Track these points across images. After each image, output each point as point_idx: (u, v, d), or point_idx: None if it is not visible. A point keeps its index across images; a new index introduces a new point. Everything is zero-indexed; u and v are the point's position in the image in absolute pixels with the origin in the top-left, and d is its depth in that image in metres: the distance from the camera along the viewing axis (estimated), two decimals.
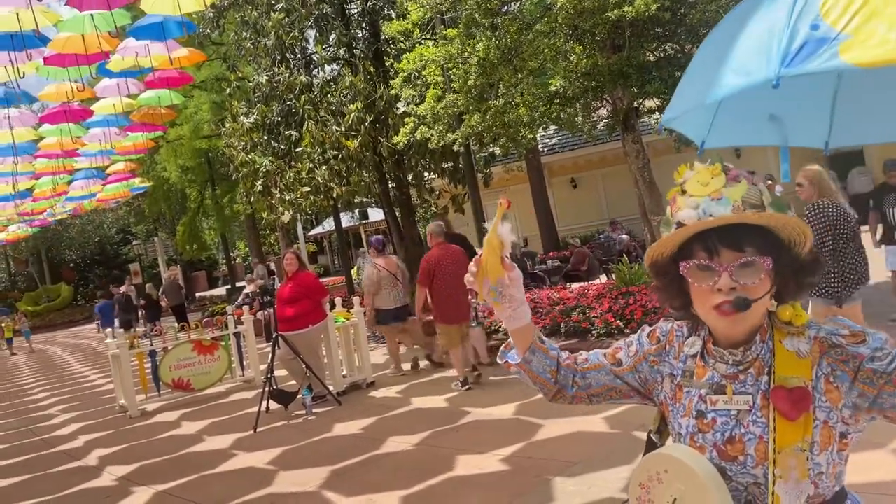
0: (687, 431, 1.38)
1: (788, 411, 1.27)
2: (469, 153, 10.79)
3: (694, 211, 1.31)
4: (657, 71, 8.36)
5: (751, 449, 1.30)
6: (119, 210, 38.43)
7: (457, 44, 9.52)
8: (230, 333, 9.91)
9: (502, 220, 1.45)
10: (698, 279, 1.32)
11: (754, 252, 1.29)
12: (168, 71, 13.17)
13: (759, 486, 1.30)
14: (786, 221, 1.31)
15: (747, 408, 1.32)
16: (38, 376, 16.22)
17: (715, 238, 1.30)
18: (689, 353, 1.43)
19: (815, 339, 1.32)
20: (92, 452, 7.43)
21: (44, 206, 23.48)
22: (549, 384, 1.55)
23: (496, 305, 1.49)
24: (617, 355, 1.56)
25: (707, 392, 1.37)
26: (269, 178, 12.88)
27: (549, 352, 1.54)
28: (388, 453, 5.78)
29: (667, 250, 1.39)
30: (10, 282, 46.74)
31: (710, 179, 1.33)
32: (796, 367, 1.30)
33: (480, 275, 1.47)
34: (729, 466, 1.31)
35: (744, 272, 1.29)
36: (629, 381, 1.53)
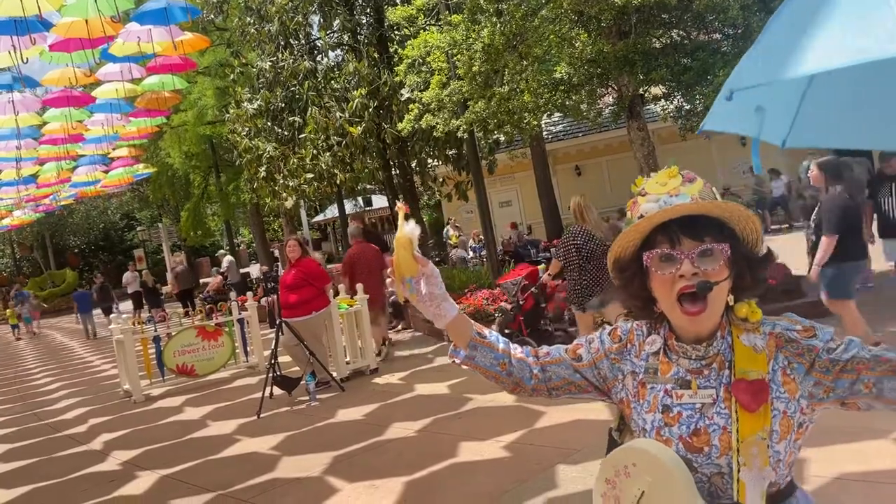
0: (653, 426, 1.42)
1: (749, 403, 1.33)
2: (473, 140, 10.75)
3: (655, 204, 1.40)
4: (663, 58, 8.29)
5: (715, 440, 1.35)
6: (123, 196, 38.49)
7: (461, 30, 9.46)
8: (234, 319, 9.94)
9: (406, 222, 1.53)
10: (661, 268, 1.39)
11: (712, 240, 1.37)
12: (171, 56, 13.12)
13: (721, 476, 1.36)
14: (739, 211, 1.40)
15: (711, 401, 1.38)
16: (42, 361, 16.30)
17: (676, 228, 1.38)
18: (650, 352, 1.49)
19: (771, 335, 1.40)
20: (97, 437, 7.48)
21: (48, 192, 23.52)
22: (501, 377, 1.57)
23: (420, 304, 1.54)
24: (578, 351, 1.58)
25: (673, 387, 1.43)
26: (272, 165, 12.86)
27: (495, 346, 1.56)
28: (390, 439, 5.80)
29: (631, 244, 1.46)
30: (15, 267, 46.92)
31: (668, 180, 1.42)
32: (754, 361, 1.37)
33: (397, 273, 1.53)
34: (695, 458, 1.36)
35: (704, 259, 1.36)
36: (588, 376, 1.56)
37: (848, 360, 1.34)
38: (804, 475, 3.85)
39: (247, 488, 5.10)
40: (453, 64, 9.79)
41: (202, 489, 5.22)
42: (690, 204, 1.37)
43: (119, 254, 43.67)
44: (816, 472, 3.86)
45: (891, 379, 1.31)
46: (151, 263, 37.18)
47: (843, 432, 4.30)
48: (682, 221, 1.38)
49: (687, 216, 1.38)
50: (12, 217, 29.81)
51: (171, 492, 5.30)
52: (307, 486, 4.97)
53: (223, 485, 5.23)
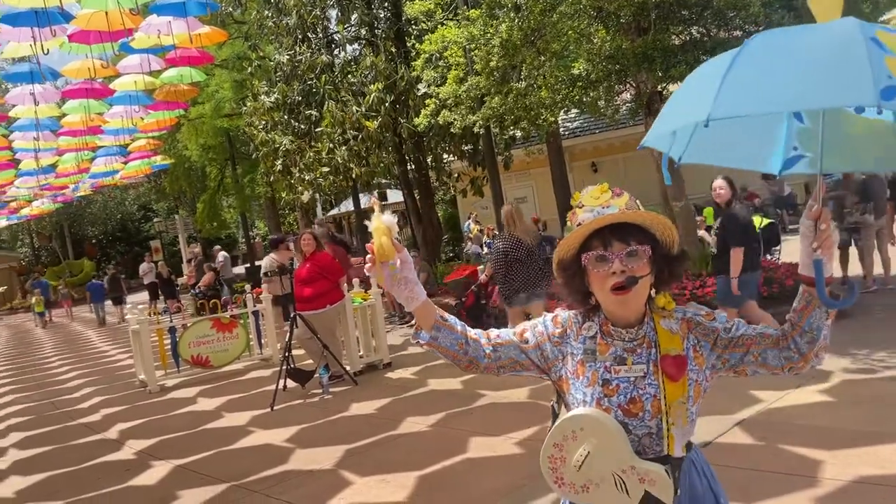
0: (593, 397, 1.69)
1: (674, 374, 1.66)
2: (489, 136, 10.71)
3: (591, 214, 1.69)
4: (682, 55, 8.20)
5: (648, 406, 1.66)
6: (140, 187, 38.75)
7: (479, 24, 9.41)
8: (249, 312, 9.99)
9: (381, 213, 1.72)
10: (597, 266, 1.68)
11: (637, 243, 1.67)
12: (189, 49, 13.17)
13: (650, 435, 1.66)
14: (657, 219, 1.71)
15: (642, 374, 1.68)
16: (60, 350, 16.47)
17: (608, 234, 1.68)
18: (587, 336, 1.75)
19: (683, 320, 1.74)
20: (113, 426, 7.55)
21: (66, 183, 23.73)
22: (458, 355, 1.77)
23: (394, 288, 1.71)
24: (524, 335, 1.81)
25: (611, 364, 1.71)
26: (288, 158, 12.89)
27: (454, 328, 1.77)
28: (402, 434, 5.81)
29: (572, 248, 1.74)
30: (33, 256, 47.40)
31: (601, 195, 1.72)
32: (672, 341, 1.70)
33: (378, 260, 1.69)
34: (630, 422, 1.66)
35: (631, 259, 1.66)
36: (532, 357, 1.80)
37: (739, 336, 1.72)
38: (820, 478, 3.82)
39: (260, 480, 5.13)
40: (470, 59, 9.75)
41: (216, 480, 5.26)
42: (618, 214, 1.68)
43: (136, 244, 43.96)
44: (833, 476, 3.82)
45: (772, 350, 1.70)
46: (168, 255, 37.41)
47: (861, 435, 4.26)
48: (612, 228, 1.68)
49: (616, 224, 1.69)
50: (31, 207, 30.11)
51: (184, 482, 5.34)
52: (319, 479, 4.98)
53: (236, 476, 5.26)
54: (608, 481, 1.64)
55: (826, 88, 1.48)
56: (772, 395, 5.32)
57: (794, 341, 1.68)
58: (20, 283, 41.47)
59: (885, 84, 1.41)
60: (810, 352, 1.67)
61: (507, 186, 19.94)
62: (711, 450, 4.46)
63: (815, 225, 1.64)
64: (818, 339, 1.66)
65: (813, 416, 4.82)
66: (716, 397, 5.41)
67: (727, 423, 4.88)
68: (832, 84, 1.48)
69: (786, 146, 1.96)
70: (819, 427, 4.59)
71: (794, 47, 1.61)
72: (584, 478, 1.66)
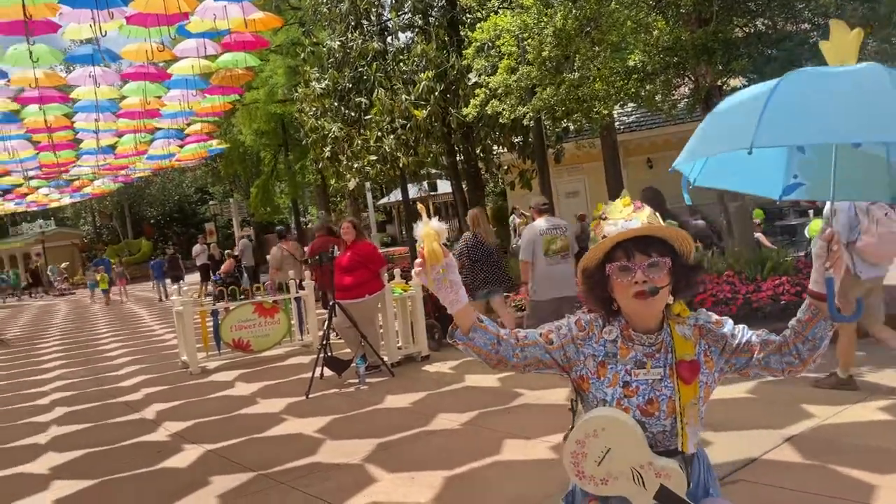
0: (613, 397, 1.83)
1: (688, 378, 1.81)
2: (540, 128, 10.46)
3: (615, 227, 1.82)
4: (745, 48, 7.82)
5: (664, 406, 1.81)
6: (197, 170, 39.53)
7: (533, 13, 9.16)
8: (291, 298, 10.00)
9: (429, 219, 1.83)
10: (620, 276, 1.81)
11: (658, 255, 1.80)
12: (243, 34, 13.24)
13: (664, 433, 1.81)
14: (676, 233, 1.85)
15: (660, 377, 1.82)
16: (111, 327, 16.86)
17: (631, 246, 1.81)
18: (608, 339, 1.88)
19: (695, 326, 1.88)
20: (150, 406, 7.62)
21: (125, 163, 24.33)
22: (491, 355, 1.89)
23: (441, 291, 1.82)
24: (549, 336, 1.93)
25: (631, 367, 1.84)
26: (337, 145, 12.85)
27: (488, 329, 1.88)
28: (435, 431, 5.67)
29: (596, 258, 1.86)
30: (95, 234, 48.95)
31: (624, 208, 1.85)
32: (687, 346, 1.84)
33: (427, 264, 1.79)
34: (647, 421, 1.81)
35: (652, 269, 1.79)
36: (556, 356, 1.91)
37: (745, 342, 1.87)
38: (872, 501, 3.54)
39: (287, 470, 5.05)
40: (523, 49, 9.51)
41: (244, 468, 5.20)
42: (641, 227, 1.81)
43: (192, 226, 44.98)
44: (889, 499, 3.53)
45: (775, 355, 1.84)
46: (222, 237, 38.10)
47: None
48: (634, 240, 1.81)
49: (639, 236, 1.81)
50: (93, 186, 31.01)
51: (213, 468, 5.31)
52: (347, 473, 4.88)
53: (265, 465, 5.20)
54: (626, 475, 1.79)
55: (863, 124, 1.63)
56: (827, 410, 5.00)
57: (796, 348, 1.82)
58: (82, 259, 42.90)
59: None
60: (810, 358, 1.83)
61: (558, 180, 19.60)
62: (756, 467, 4.20)
63: (828, 246, 1.78)
64: (819, 348, 1.82)
65: (870, 436, 4.50)
66: (766, 410, 5.14)
67: (776, 438, 4.59)
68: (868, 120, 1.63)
69: (786, 174, 2.15)
70: (876, 448, 4.27)
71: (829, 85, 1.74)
72: (604, 472, 1.81)
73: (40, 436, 6.85)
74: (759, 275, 8.16)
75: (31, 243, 43.97)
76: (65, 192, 31.94)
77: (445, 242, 1.83)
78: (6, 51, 12.87)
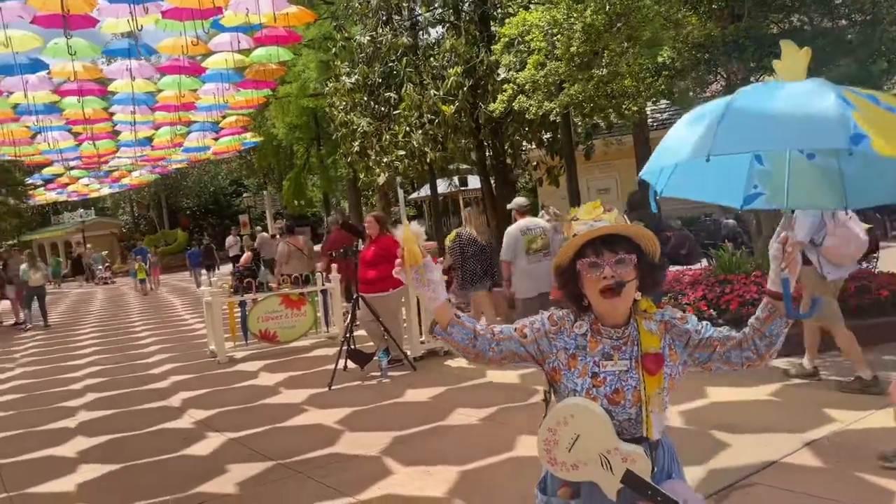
0: (583, 387, 1.94)
1: (652, 369, 1.92)
2: (568, 123, 10.38)
3: (585, 227, 1.95)
4: (778, 44, 7.66)
5: (629, 395, 1.92)
6: (232, 163, 40.04)
7: (562, 8, 9.09)
8: (317, 290, 10.10)
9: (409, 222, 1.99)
10: (590, 272, 1.94)
11: (624, 252, 1.93)
12: (276, 28, 13.38)
13: (630, 420, 1.92)
14: (642, 232, 1.97)
15: (626, 368, 1.94)
16: (146, 316, 17.20)
17: (600, 244, 1.94)
18: (578, 333, 2.01)
19: (661, 322, 2.00)
20: (177, 394, 7.77)
21: (161, 155, 24.76)
22: (468, 349, 2.03)
23: (420, 288, 2.00)
24: (524, 331, 2.05)
25: (599, 359, 1.96)
26: (366, 140, 12.92)
27: (465, 324, 2.02)
28: (452, 425, 5.70)
29: (568, 256, 1.99)
30: (133, 224, 49.92)
31: (594, 210, 1.98)
32: (652, 340, 1.96)
33: (406, 264, 1.97)
34: (614, 409, 1.92)
35: (619, 265, 1.92)
36: (530, 350, 2.04)
37: (707, 337, 1.99)
38: None
39: (305, 460, 5.13)
40: (552, 44, 9.44)
41: (263, 457, 5.29)
42: (609, 226, 1.94)
43: (226, 218, 45.57)
44: None
45: (735, 350, 1.98)
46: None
47: None
48: (603, 239, 1.94)
49: (607, 235, 1.94)
50: (131, 177, 31.61)
51: (234, 456, 5.41)
52: (363, 465, 4.94)
53: (284, 454, 5.29)
54: (595, 461, 1.90)
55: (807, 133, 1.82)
56: (851, 415, 4.92)
57: (754, 343, 1.97)
58: (120, 248, 43.81)
59: (853, 132, 1.74)
60: (767, 353, 1.98)
61: (589, 177, 19.45)
62: (774, 470, 4.15)
63: (784, 249, 1.94)
64: (775, 343, 1.98)
65: (893, 442, 4.41)
66: (787, 413, 5.07)
67: (796, 442, 4.53)
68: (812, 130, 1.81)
69: (747, 185, 2.32)
70: None
71: (778, 99, 1.91)
72: (575, 458, 1.91)
73: (70, 420, 7.05)
74: None
75: (72, 232, 45.04)
76: (104, 183, 32.65)
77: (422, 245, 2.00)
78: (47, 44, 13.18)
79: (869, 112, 1.82)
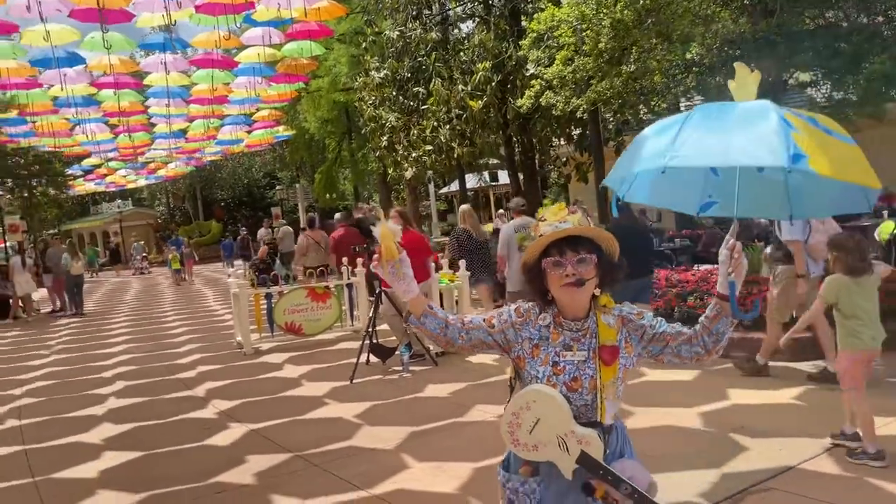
0: (544, 375, 2.11)
1: (608, 360, 2.10)
2: (596, 119, 10.31)
3: (550, 228, 2.13)
4: (811, 41, 7.50)
5: (586, 383, 2.10)
6: (265, 155, 40.45)
7: (592, 4, 9.02)
8: (343, 284, 10.17)
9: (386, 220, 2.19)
10: (554, 270, 2.11)
11: (586, 252, 2.11)
12: (308, 23, 13.46)
13: (586, 406, 2.09)
14: (602, 234, 2.16)
15: (584, 358, 2.12)
16: (178, 306, 17.49)
17: (563, 244, 2.11)
18: (542, 325, 2.17)
19: (619, 317, 2.17)
20: (203, 384, 7.91)
21: (195, 147, 25.12)
22: (439, 337, 2.20)
23: (395, 282, 2.18)
24: (492, 321, 2.22)
25: (560, 349, 2.14)
26: (394, 135, 12.97)
27: (437, 315, 2.20)
28: (469, 422, 5.71)
29: (534, 254, 2.17)
30: (169, 215, 50.76)
31: (559, 212, 2.15)
32: (609, 333, 2.13)
33: (383, 259, 2.16)
34: (572, 395, 2.09)
35: (580, 265, 2.09)
36: (497, 339, 2.20)
37: (661, 333, 2.16)
38: None
39: (322, 453, 5.18)
40: (581, 40, 9.37)
41: (281, 448, 5.37)
42: (572, 228, 2.11)
43: (260, 210, 46.05)
44: None
45: (685, 345, 2.15)
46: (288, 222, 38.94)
47: None
48: (566, 239, 2.12)
49: (570, 236, 2.12)
50: (167, 168, 32.14)
51: (253, 447, 5.49)
52: (378, 459, 4.98)
53: (301, 446, 5.35)
54: (553, 443, 2.06)
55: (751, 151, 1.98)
56: (876, 420, 4.81)
57: (703, 340, 2.14)
58: (156, 239, 44.60)
59: (792, 151, 1.91)
60: (713, 349, 2.15)
61: None
62: (791, 475, 4.09)
63: (731, 254, 2.09)
64: (721, 341, 2.15)
65: None
66: (810, 418, 4.98)
67: (815, 447, 4.45)
68: (756, 148, 1.98)
69: (702, 194, 2.48)
70: None
71: (728, 119, 2.10)
72: (535, 439, 2.06)
73: (98, 407, 7.22)
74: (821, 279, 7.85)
75: (110, 222, 45.98)
76: (141, 174, 33.26)
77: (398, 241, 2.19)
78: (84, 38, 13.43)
79: (807, 134, 2.01)
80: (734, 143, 2.01)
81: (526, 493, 2.15)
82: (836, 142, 2.12)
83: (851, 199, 2.31)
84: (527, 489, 2.15)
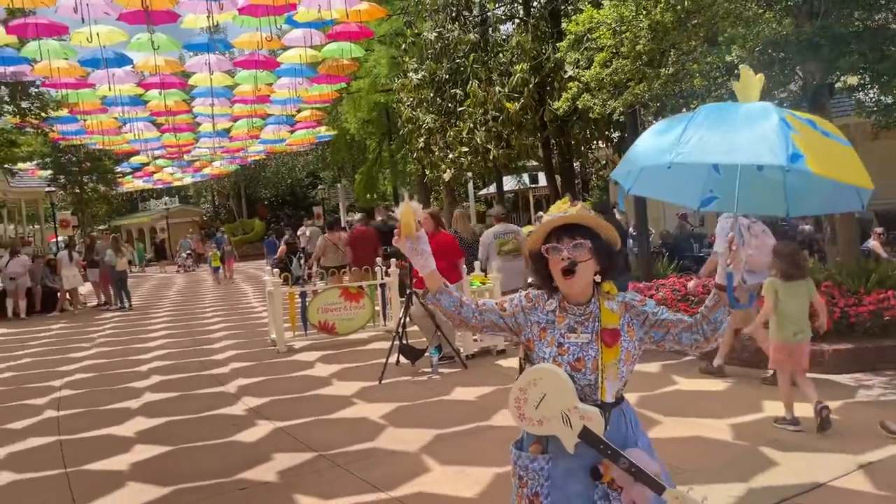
0: (550, 355, 2.27)
1: (609, 342, 2.24)
2: (635, 122, 10.16)
3: (551, 217, 2.30)
4: (857, 43, 7.25)
5: (589, 364, 2.24)
6: (308, 155, 40.92)
7: (631, 5, 8.88)
8: (377, 284, 10.22)
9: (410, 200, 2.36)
10: (552, 254, 2.28)
11: (581, 238, 2.26)
12: (348, 24, 13.58)
13: (590, 386, 2.24)
14: (600, 223, 2.30)
15: (587, 340, 2.27)
16: (217, 302, 17.78)
17: (561, 232, 2.28)
18: (549, 309, 2.35)
19: (622, 303, 2.32)
20: (235, 380, 8.02)
21: (239, 146, 25.54)
22: (454, 315, 2.38)
23: (414, 257, 2.33)
24: (503, 305, 2.41)
25: (565, 331, 2.30)
26: (431, 136, 12.98)
27: (452, 294, 2.37)
28: (494, 426, 5.67)
29: (537, 242, 2.33)
30: (213, 212, 51.72)
31: (563, 205, 2.32)
32: (612, 318, 2.28)
33: (403, 234, 2.33)
34: (576, 375, 2.24)
35: (575, 249, 2.25)
36: (507, 322, 2.39)
37: (663, 320, 2.30)
38: None
39: (346, 453, 5.20)
40: (620, 41, 9.23)
41: (306, 447, 5.40)
42: (568, 216, 2.28)
43: (302, 209, 46.58)
44: None
45: (686, 332, 2.29)
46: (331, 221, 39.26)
47: None
48: (565, 227, 2.28)
49: (568, 224, 2.28)
50: (212, 167, 32.73)
51: (278, 445, 5.54)
52: (400, 461, 4.97)
53: (326, 446, 5.38)
54: (557, 418, 2.19)
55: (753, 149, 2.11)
56: None
57: (702, 328, 2.28)
58: (201, 235, 45.50)
59: (791, 151, 2.02)
60: (712, 337, 2.29)
61: None
62: (821, 492, 3.96)
63: (730, 247, 2.23)
64: (719, 329, 2.29)
65: None
66: (844, 433, 4.81)
67: (849, 464, 4.30)
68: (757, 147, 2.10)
69: (704, 189, 2.61)
70: None
71: (731, 119, 2.23)
72: (540, 414, 2.20)
73: (133, 401, 7.37)
74: (864, 287, 7.59)
75: (157, 219, 47.03)
76: (187, 172, 33.97)
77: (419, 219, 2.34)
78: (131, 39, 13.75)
79: (806, 135, 2.11)
80: (737, 141, 2.13)
81: (535, 471, 2.28)
82: (832, 143, 2.22)
83: (845, 198, 2.42)
84: (535, 466, 2.27)
